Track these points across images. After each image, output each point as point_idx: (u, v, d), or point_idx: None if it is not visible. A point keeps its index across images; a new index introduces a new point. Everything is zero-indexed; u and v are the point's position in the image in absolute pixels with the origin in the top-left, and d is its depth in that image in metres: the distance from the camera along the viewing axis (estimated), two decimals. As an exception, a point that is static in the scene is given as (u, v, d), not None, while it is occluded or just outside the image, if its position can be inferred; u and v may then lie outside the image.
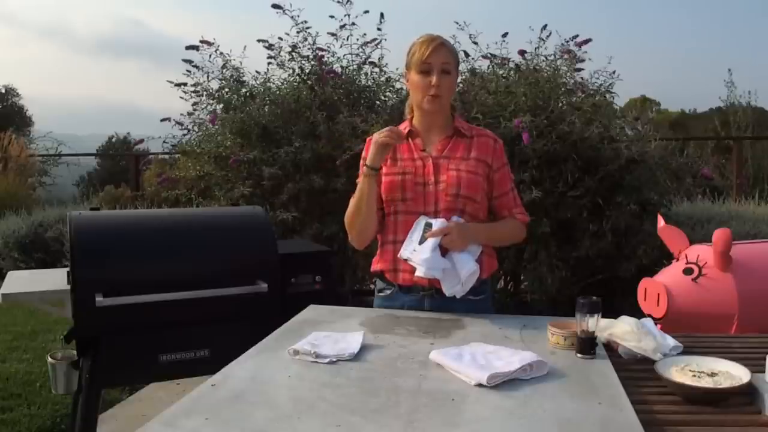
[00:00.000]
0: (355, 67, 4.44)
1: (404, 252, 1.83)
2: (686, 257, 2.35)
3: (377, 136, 1.82)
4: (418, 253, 1.78)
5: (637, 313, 1.81)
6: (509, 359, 1.39)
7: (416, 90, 1.88)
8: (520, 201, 2.00)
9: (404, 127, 1.95)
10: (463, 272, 1.77)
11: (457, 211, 1.85)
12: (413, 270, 1.81)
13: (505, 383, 1.31)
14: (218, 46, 4.33)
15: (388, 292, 1.95)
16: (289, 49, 4.33)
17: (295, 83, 4.37)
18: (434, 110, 1.89)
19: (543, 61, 4.19)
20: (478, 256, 1.85)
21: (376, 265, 1.97)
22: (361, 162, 1.94)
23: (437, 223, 1.79)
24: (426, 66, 1.84)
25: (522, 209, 1.98)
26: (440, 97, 1.86)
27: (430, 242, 1.76)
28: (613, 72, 4.15)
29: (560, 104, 3.94)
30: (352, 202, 1.92)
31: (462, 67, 4.13)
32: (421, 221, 1.83)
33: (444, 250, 1.79)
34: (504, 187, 1.95)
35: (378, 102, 4.46)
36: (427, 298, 1.90)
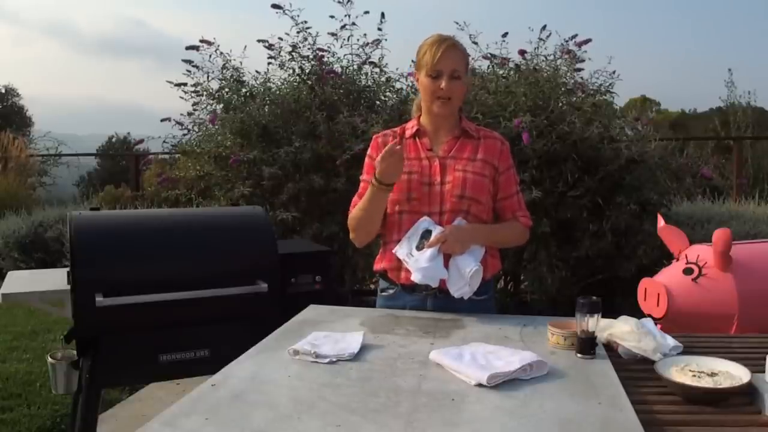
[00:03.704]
0: (355, 67, 4.44)
1: (400, 251, 1.83)
2: (686, 257, 2.35)
3: (379, 164, 1.75)
4: (415, 259, 1.78)
5: (637, 313, 1.81)
6: (509, 359, 1.39)
7: (426, 93, 1.88)
8: (524, 204, 2.00)
9: (412, 126, 1.95)
10: (466, 271, 1.77)
11: (462, 212, 1.85)
12: None
13: (505, 383, 1.31)
14: (218, 46, 4.35)
15: (391, 291, 1.95)
16: (289, 49, 4.33)
17: (295, 83, 4.37)
18: (444, 113, 1.89)
19: (543, 61, 4.19)
20: (482, 256, 1.85)
21: (379, 264, 1.97)
22: (367, 160, 1.94)
23: (436, 231, 1.79)
24: (436, 71, 1.83)
25: (525, 212, 1.98)
26: (450, 101, 1.86)
27: (428, 252, 1.77)
28: (613, 72, 4.16)
29: (560, 104, 3.94)
30: (361, 207, 1.90)
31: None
32: (421, 226, 1.82)
33: (446, 255, 1.79)
34: (509, 189, 1.95)
35: (378, 102, 4.46)
36: (430, 297, 1.90)
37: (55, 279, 2.73)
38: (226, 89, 4.41)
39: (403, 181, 1.87)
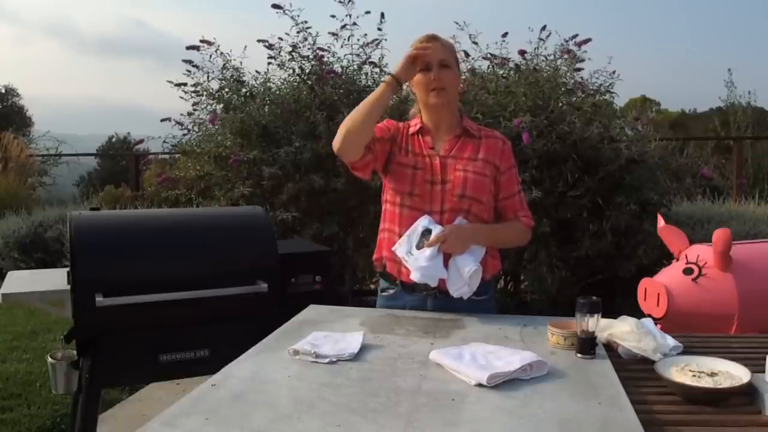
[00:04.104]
0: (355, 67, 4.44)
1: (399, 250, 1.83)
2: (686, 257, 2.35)
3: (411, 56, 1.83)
4: (414, 257, 1.78)
5: (637, 313, 1.81)
6: (509, 359, 1.39)
7: (420, 88, 1.89)
8: (526, 204, 2.00)
9: (415, 123, 1.96)
10: (465, 271, 1.77)
11: (463, 211, 1.85)
12: None
13: (505, 383, 1.31)
14: (218, 46, 4.35)
15: (391, 291, 1.95)
16: (290, 49, 4.33)
17: (295, 83, 4.37)
18: (441, 103, 1.88)
19: (543, 61, 4.19)
20: (482, 257, 1.84)
21: (378, 253, 1.98)
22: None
23: (436, 230, 1.79)
24: (425, 64, 1.85)
25: (527, 212, 1.98)
26: (445, 90, 1.87)
27: (428, 251, 1.77)
28: (613, 72, 4.17)
29: (560, 104, 3.94)
30: (360, 105, 1.88)
31: (462, 67, 4.13)
32: (421, 224, 1.82)
33: (446, 255, 1.79)
34: (510, 189, 1.95)
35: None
36: (430, 297, 1.90)
37: (55, 279, 2.72)
38: (226, 89, 4.41)
39: (409, 175, 1.88)
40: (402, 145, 1.93)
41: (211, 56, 4.35)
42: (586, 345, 1.47)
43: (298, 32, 4.30)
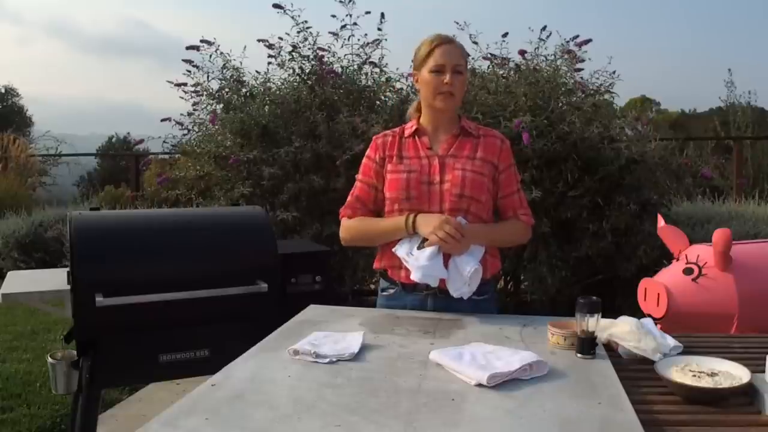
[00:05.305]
0: (355, 67, 4.44)
1: (399, 250, 1.83)
2: (686, 257, 2.35)
3: (441, 232, 1.74)
4: (415, 258, 1.78)
5: (637, 313, 1.81)
6: (509, 359, 1.39)
7: (428, 88, 1.88)
8: (525, 202, 1.99)
9: (411, 126, 1.95)
10: (466, 271, 1.77)
11: (462, 211, 1.85)
12: None
13: (505, 383, 1.30)
14: (218, 46, 4.35)
15: (392, 291, 1.95)
16: (290, 49, 4.34)
17: (295, 83, 4.37)
18: (447, 108, 1.89)
19: (543, 61, 4.19)
20: (482, 256, 1.84)
21: (379, 263, 1.97)
22: (365, 161, 1.97)
23: None
24: (438, 66, 1.85)
25: (527, 210, 1.98)
26: (453, 96, 1.87)
27: (428, 250, 1.77)
28: (613, 72, 4.17)
29: (560, 104, 3.94)
30: (376, 229, 1.91)
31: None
32: None
33: (446, 255, 1.79)
34: (509, 188, 1.94)
35: (378, 102, 4.47)
36: (430, 297, 1.90)
37: (55, 279, 2.73)
38: (226, 89, 4.41)
39: (402, 180, 1.87)
40: (394, 154, 1.92)
41: (211, 56, 4.36)
42: (586, 345, 1.47)
43: (298, 32, 4.31)
